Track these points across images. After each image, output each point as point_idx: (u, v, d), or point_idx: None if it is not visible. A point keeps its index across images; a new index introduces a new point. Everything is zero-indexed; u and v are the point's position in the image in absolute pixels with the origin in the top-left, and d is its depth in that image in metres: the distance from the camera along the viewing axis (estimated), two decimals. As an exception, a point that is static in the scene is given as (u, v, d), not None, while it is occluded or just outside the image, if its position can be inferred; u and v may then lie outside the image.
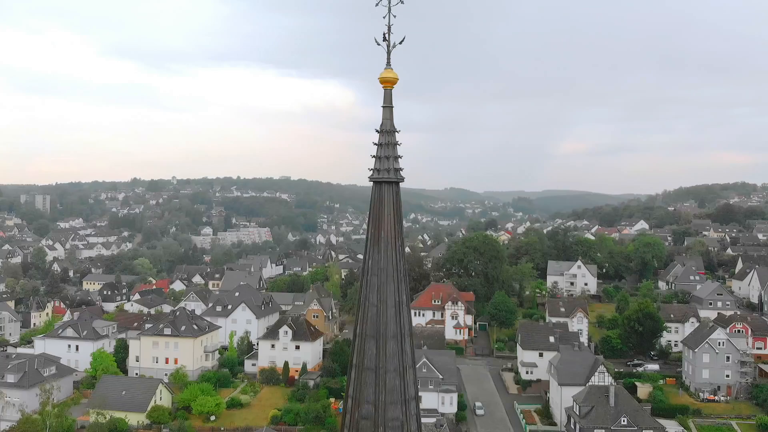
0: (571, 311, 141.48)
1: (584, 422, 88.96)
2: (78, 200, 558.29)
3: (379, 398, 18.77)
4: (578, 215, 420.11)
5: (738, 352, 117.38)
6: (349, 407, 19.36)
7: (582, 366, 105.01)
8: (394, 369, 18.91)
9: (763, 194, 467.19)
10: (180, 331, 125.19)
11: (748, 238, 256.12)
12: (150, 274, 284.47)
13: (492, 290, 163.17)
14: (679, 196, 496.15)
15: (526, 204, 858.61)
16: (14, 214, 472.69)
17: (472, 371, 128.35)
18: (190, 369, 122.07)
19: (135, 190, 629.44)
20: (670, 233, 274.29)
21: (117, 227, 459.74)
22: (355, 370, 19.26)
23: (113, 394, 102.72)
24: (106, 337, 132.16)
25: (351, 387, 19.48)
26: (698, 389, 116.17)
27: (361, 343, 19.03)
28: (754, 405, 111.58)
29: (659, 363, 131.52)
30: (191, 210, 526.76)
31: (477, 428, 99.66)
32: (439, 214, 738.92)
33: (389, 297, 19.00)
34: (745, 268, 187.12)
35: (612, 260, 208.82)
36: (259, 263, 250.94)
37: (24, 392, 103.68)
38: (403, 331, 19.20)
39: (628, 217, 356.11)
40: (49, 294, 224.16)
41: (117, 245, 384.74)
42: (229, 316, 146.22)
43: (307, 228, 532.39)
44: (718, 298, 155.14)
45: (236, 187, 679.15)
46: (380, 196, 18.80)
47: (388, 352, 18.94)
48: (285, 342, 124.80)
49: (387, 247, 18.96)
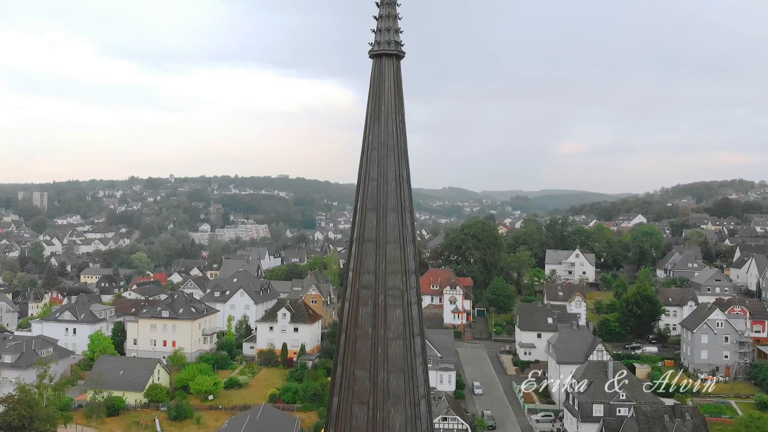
0: (570, 295, 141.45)
1: (583, 397, 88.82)
2: (76, 197, 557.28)
3: (379, 268, 18.71)
4: (576, 211, 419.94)
5: (737, 333, 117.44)
6: (350, 280, 19.37)
7: (580, 345, 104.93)
8: (394, 240, 18.86)
9: (761, 191, 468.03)
10: (178, 314, 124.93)
11: (746, 230, 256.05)
12: (148, 267, 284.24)
13: (490, 277, 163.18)
14: (677, 193, 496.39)
15: (524, 203, 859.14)
16: (12, 210, 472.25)
17: (470, 354, 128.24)
18: (188, 352, 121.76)
19: (133, 188, 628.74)
20: (668, 226, 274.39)
21: (115, 224, 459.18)
22: (355, 243, 19.22)
23: (111, 373, 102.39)
24: (103, 320, 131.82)
25: (352, 260, 19.45)
26: (697, 370, 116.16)
27: (361, 216, 18.97)
28: (753, 385, 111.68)
29: (657, 346, 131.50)
30: (189, 207, 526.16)
31: (475, 406, 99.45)
32: (437, 212, 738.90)
33: (389, 171, 18.94)
34: (743, 256, 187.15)
35: (610, 250, 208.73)
36: (257, 255, 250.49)
37: (21, 372, 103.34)
38: (403, 204, 19.15)
39: (626, 212, 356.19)
40: (46, 286, 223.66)
41: (115, 241, 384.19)
42: (228, 301, 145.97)
43: (306, 225, 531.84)
44: (716, 284, 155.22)
45: (234, 186, 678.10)
46: (380, 70, 18.72)
47: (389, 224, 18.88)
48: (283, 324, 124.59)
49: (387, 121, 18.89)
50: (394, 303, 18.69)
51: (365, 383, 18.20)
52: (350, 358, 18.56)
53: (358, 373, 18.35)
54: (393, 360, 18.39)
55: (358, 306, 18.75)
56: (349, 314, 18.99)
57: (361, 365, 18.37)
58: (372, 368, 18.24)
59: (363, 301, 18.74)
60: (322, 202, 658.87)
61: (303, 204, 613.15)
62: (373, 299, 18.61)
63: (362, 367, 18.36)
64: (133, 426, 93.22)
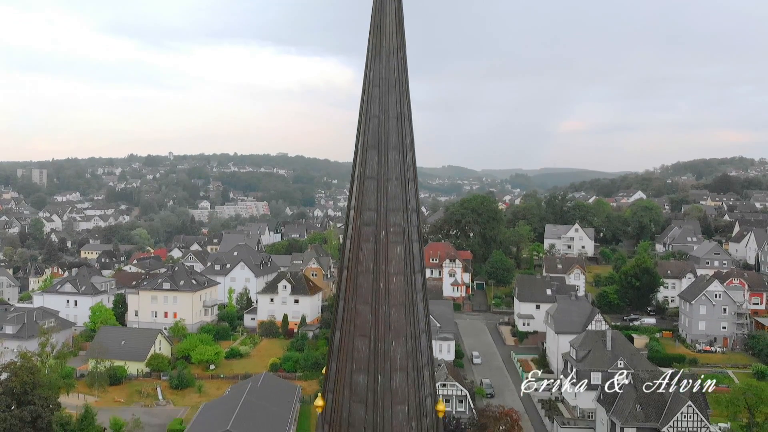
0: (569, 268, 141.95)
1: (581, 365, 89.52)
2: (75, 175, 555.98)
3: (381, 204, 18.79)
4: (576, 188, 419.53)
5: (735, 304, 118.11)
6: (351, 218, 19.48)
7: (579, 315, 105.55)
8: (395, 178, 18.90)
9: (761, 168, 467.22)
10: (179, 286, 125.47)
11: (745, 206, 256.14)
12: (148, 243, 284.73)
13: (489, 251, 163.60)
14: (677, 170, 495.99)
15: (524, 181, 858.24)
16: (11, 188, 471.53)
17: (469, 325, 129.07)
18: (189, 323, 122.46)
19: (132, 165, 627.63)
20: (667, 202, 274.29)
21: (114, 201, 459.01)
22: (357, 181, 19.28)
23: (112, 343, 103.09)
24: (104, 292, 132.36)
25: (353, 198, 19.55)
26: (694, 340, 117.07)
27: (362, 154, 18.97)
28: (750, 355, 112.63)
29: (656, 318, 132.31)
30: (188, 184, 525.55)
31: (474, 375, 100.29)
32: (437, 190, 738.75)
33: (391, 108, 18.89)
34: (742, 231, 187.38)
35: (609, 224, 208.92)
36: (257, 230, 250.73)
37: (23, 343, 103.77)
38: (405, 142, 19.15)
39: (625, 189, 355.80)
40: (47, 262, 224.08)
41: (114, 218, 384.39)
42: (228, 274, 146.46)
43: (305, 203, 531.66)
44: (715, 258, 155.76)
45: (233, 163, 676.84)
46: (382, 5, 18.60)
47: (390, 162, 18.91)
48: (284, 296, 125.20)
49: (389, 57, 18.77)
50: (396, 240, 18.80)
51: (367, 317, 18.39)
52: (352, 293, 18.71)
53: (360, 308, 18.52)
54: (394, 294, 18.56)
55: (359, 243, 18.85)
56: (351, 251, 19.10)
57: (363, 300, 18.53)
58: (373, 302, 18.40)
59: (364, 238, 18.84)
60: (322, 180, 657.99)
61: (302, 182, 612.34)
62: (375, 236, 18.71)
63: (364, 302, 18.53)
64: (135, 394, 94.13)
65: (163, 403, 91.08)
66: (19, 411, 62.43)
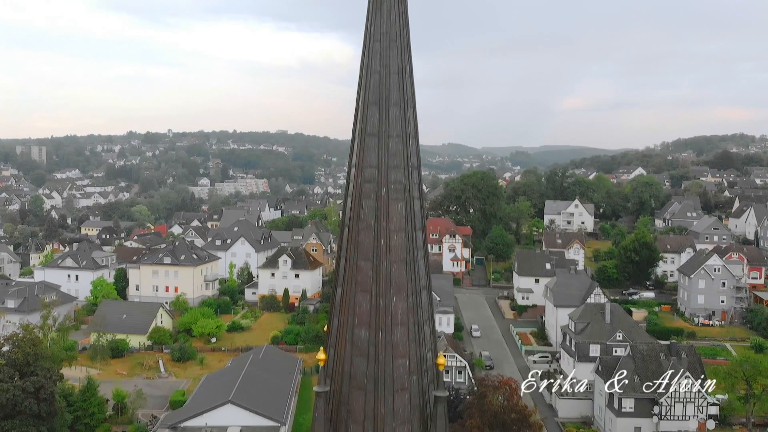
0: (568, 243, 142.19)
1: (579, 338, 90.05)
2: (74, 152, 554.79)
3: (382, 161, 18.77)
4: (576, 164, 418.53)
5: (734, 278, 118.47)
6: (353, 176, 19.47)
7: (578, 288, 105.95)
8: (396, 135, 18.86)
9: (762, 145, 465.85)
10: (180, 260, 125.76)
11: (745, 182, 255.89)
12: (148, 220, 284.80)
13: (489, 226, 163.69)
14: (678, 147, 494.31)
15: (524, 158, 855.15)
16: (11, 165, 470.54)
17: (468, 299, 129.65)
18: (191, 297, 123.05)
19: (131, 142, 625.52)
20: (667, 178, 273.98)
21: (114, 178, 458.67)
22: (357, 138, 19.23)
23: (114, 317, 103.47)
24: (105, 267, 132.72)
25: (354, 155, 19.51)
26: (693, 314, 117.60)
27: (363, 110, 18.91)
28: (749, 329, 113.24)
29: (654, 292, 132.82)
30: (188, 161, 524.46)
31: (473, 348, 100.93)
32: (437, 168, 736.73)
33: (392, 63, 18.78)
34: (741, 206, 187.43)
35: (609, 200, 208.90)
36: (257, 207, 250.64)
37: (25, 316, 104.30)
38: (406, 99, 19.09)
39: (626, 165, 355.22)
40: (47, 238, 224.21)
41: (114, 195, 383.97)
42: (229, 249, 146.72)
43: (305, 180, 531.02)
44: (714, 233, 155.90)
45: (233, 140, 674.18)
46: (382, -45, 18.47)
47: (391, 118, 18.85)
48: (285, 271, 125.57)
49: (390, 12, 18.63)
50: (397, 196, 18.80)
51: (368, 273, 18.45)
52: (353, 249, 18.76)
53: (361, 264, 18.58)
54: (395, 251, 18.61)
55: (360, 200, 18.86)
56: (352, 208, 19.11)
57: (364, 256, 18.58)
58: (375, 258, 18.46)
59: (365, 195, 18.84)
60: (322, 158, 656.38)
61: (302, 159, 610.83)
62: (376, 192, 18.70)
63: (365, 258, 18.58)
64: (137, 367, 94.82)
65: (165, 376, 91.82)
66: (22, 382, 62.81)
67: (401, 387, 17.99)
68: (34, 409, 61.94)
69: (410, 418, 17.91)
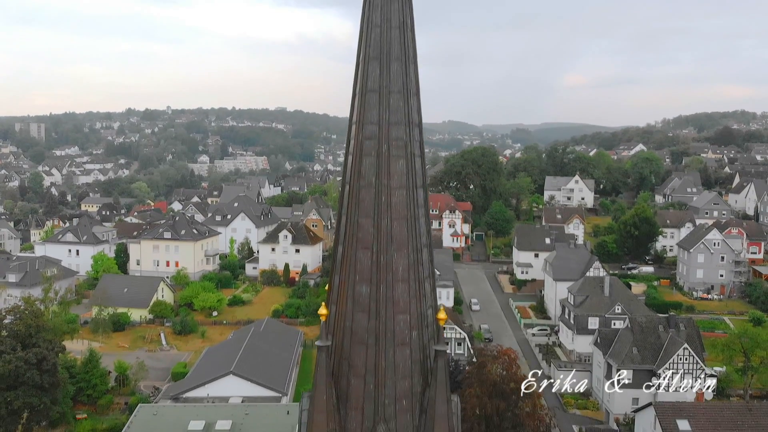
0: (568, 218, 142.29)
1: (578, 311, 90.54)
2: (73, 129, 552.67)
3: (382, 118, 18.66)
4: (577, 141, 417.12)
5: (733, 253, 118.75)
6: (353, 133, 19.37)
7: (577, 262, 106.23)
8: (398, 90, 18.71)
9: (763, 121, 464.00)
10: (180, 235, 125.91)
11: (746, 159, 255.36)
12: (148, 197, 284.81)
13: (489, 202, 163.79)
14: (679, 123, 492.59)
15: (525, 135, 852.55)
16: (9, 142, 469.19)
17: (468, 274, 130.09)
18: (191, 272, 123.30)
19: (130, 119, 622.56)
20: (668, 154, 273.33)
21: (113, 155, 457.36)
22: (358, 95, 19.10)
23: (115, 291, 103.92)
24: (106, 242, 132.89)
25: (354, 112, 19.40)
26: (692, 288, 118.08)
27: (364, 66, 18.74)
28: (747, 303, 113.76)
29: (654, 266, 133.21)
30: (187, 138, 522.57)
31: (473, 321, 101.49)
32: (437, 146, 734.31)
33: (393, 17, 18.57)
34: (742, 182, 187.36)
35: (610, 176, 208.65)
36: (257, 183, 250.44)
37: (26, 291, 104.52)
38: (407, 54, 18.89)
39: (627, 141, 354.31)
40: (47, 214, 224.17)
41: (114, 172, 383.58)
42: (229, 225, 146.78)
43: (305, 158, 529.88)
44: (714, 208, 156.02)
45: (232, 117, 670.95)
46: None
47: (392, 74, 18.70)
48: (285, 246, 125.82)
49: (391, -39, 18.46)
50: (398, 153, 18.71)
51: (369, 230, 18.45)
52: (354, 207, 18.74)
53: (362, 221, 18.57)
54: (396, 208, 18.59)
55: (361, 157, 18.78)
56: (353, 166, 19.05)
57: (365, 213, 18.57)
58: (376, 215, 18.46)
59: (366, 152, 18.77)
60: (321, 135, 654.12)
61: (302, 137, 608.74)
62: (377, 149, 18.62)
63: (366, 215, 18.57)
64: (138, 340, 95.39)
65: (166, 348, 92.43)
66: (24, 353, 63.18)
67: (402, 342, 18.09)
68: (37, 380, 62.38)
69: (411, 372, 18.03)
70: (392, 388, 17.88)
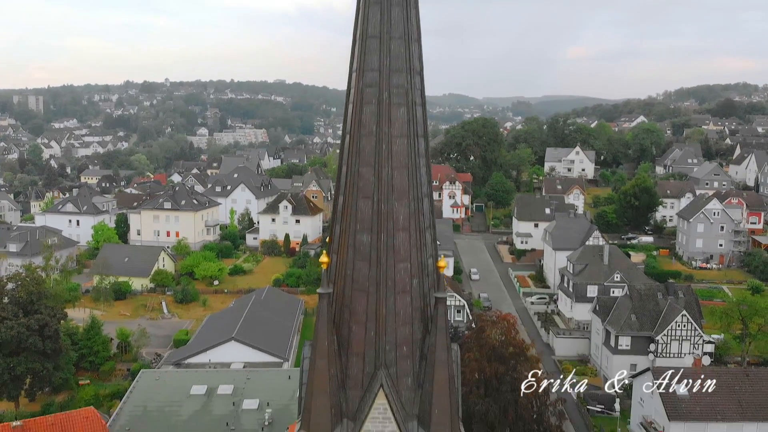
0: (568, 188, 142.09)
1: (577, 279, 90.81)
2: (71, 101, 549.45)
3: (383, 65, 18.45)
4: (578, 113, 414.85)
5: (732, 223, 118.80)
6: (353, 81, 19.17)
7: (577, 232, 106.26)
8: (399, 36, 18.50)
9: (765, 93, 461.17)
10: (180, 205, 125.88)
11: (747, 130, 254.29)
12: (148, 169, 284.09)
13: (489, 174, 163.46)
14: (680, 95, 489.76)
15: (526, 108, 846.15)
16: (8, 114, 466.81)
17: (468, 244, 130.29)
18: (192, 242, 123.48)
19: (128, 92, 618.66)
20: (669, 126, 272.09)
21: (112, 127, 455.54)
22: (358, 41, 18.86)
23: (116, 260, 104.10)
24: (106, 212, 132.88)
25: (354, 60, 19.17)
26: (691, 258, 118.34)
27: (365, 10, 18.44)
28: (746, 272, 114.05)
29: (653, 236, 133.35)
30: (186, 111, 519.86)
31: (472, 290, 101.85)
32: (437, 119, 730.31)
33: (393, -37, 18.36)
34: (743, 153, 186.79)
35: (610, 147, 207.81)
36: (257, 155, 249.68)
37: (27, 260, 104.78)
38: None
39: (628, 113, 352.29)
40: (47, 186, 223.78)
41: (113, 144, 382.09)
42: (229, 196, 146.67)
43: (304, 131, 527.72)
44: (714, 178, 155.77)
45: (230, 90, 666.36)
46: None
47: (393, 19, 18.45)
48: (285, 216, 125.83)
49: None
50: (399, 101, 18.56)
51: (370, 179, 18.39)
52: (355, 156, 18.64)
53: (363, 170, 18.50)
54: (397, 157, 18.49)
55: (362, 105, 18.64)
56: (353, 115, 18.93)
57: (366, 162, 18.49)
58: (376, 164, 18.37)
59: (367, 101, 18.61)
60: (321, 108, 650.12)
61: (301, 109, 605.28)
62: (377, 97, 18.46)
63: (367, 164, 18.49)
64: (140, 308, 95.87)
65: (168, 316, 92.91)
66: (26, 320, 63.46)
67: (402, 289, 18.17)
68: (39, 346, 62.73)
69: (411, 319, 18.13)
70: (393, 335, 18.00)
